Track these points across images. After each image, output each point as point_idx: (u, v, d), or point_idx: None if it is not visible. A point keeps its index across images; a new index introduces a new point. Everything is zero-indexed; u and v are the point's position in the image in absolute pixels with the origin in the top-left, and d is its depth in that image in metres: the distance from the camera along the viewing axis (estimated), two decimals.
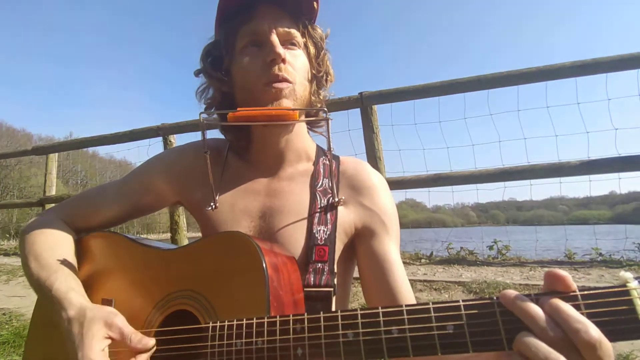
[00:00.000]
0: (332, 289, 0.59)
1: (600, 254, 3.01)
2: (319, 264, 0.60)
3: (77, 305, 0.56)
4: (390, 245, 0.65)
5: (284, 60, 0.63)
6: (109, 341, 0.52)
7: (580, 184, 2.77)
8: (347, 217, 0.66)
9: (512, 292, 0.36)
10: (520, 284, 2.28)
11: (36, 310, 0.67)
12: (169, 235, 3.55)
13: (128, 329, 0.54)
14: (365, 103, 2.86)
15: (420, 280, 2.48)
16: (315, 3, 0.68)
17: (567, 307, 0.33)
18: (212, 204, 0.67)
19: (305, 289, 0.58)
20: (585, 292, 0.34)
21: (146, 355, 0.53)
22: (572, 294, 0.35)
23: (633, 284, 0.33)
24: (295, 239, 0.63)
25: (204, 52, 0.71)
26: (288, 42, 0.67)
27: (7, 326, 2.06)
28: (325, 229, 0.63)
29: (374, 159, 2.86)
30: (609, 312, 0.33)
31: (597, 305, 0.33)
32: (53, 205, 4.52)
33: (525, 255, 3.23)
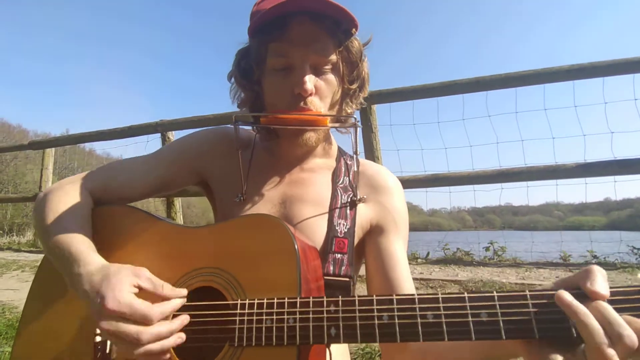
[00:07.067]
0: (350, 280, 0.60)
1: (595, 257, 3.03)
2: (339, 255, 0.61)
3: (99, 262, 0.53)
4: (398, 244, 0.66)
5: (311, 94, 0.62)
6: (137, 290, 0.49)
7: (577, 187, 2.78)
8: (364, 214, 0.67)
9: (566, 295, 0.38)
10: (515, 284, 2.30)
11: (34, 285, 0.65)
12: None
13: (158, 279, 0.52)
14: (364, 102, 2.86)
15: (416, 279, 2.48)
16: (351, 18, 0.61)
17: (616, 316, 0.36)
18: (239, 195, 0.68)
19: (325, 277, 0.59)
20: (613, 290, 0.38)
21: (180, 303, 0.51)
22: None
23: None
24: (316, 228, 0.64)
25: (236, 58, 0.70)
26: (320, 67, 0.64)
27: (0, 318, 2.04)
28: (345, 223, 0.64)
29: (372, 158, 2.87)
30: (633, 307, 0.37)
31: (623, 301, 0.38)
32: None
33: (520, 258, 3.25)
